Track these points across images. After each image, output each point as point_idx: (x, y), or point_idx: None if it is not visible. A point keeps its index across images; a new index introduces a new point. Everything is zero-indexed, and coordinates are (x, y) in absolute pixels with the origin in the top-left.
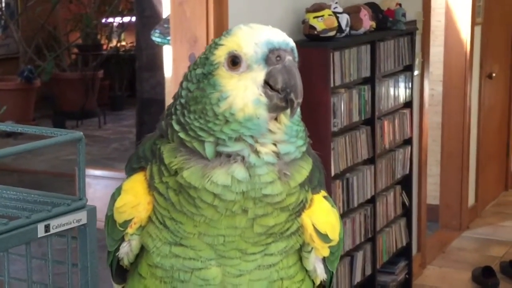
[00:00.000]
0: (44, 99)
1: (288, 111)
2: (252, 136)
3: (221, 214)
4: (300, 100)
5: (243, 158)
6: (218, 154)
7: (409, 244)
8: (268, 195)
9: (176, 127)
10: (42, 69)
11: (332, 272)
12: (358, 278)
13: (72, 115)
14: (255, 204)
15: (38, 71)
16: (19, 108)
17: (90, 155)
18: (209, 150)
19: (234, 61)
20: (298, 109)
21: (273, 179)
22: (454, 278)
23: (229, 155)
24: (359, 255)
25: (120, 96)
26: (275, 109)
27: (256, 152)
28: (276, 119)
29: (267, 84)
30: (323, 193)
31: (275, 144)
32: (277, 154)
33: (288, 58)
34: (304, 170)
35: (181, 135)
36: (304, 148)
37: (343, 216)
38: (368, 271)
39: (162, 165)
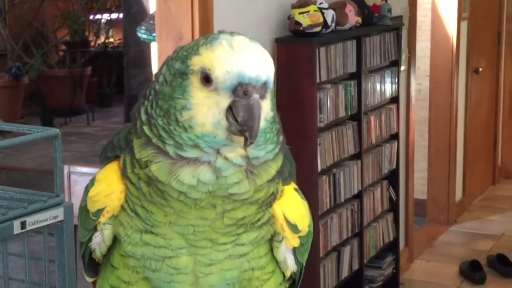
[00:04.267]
0: (32, 97)
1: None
2: (211, 147)
3: (189, 207)
4: (253, 141)
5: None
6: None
7: (396, 239)
8: (235, 193)
9: (143, 117)
10: (30, 66)
11: (302, 265)
12: (345, 273)
13: (60, 112)
14: (223, 201)
15: (26, 68)
16: (7, 105)
17: (79, 152)
18: (171, 151)
19: (205, 78)
20: (272, 113)
21: (240, 179)
22: (442, 272)
23: None
24: (346, 250)
25: (109, 93)
26: (233, 133)
27: (224, 157)
28: None
29: (231, 110)
30: (294, 185)
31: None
32: (247, 157)
33: (255, 96)
34: (272, 169)
35: (146, 129)
36: (275, 151)
37: (330, 211)
38: (356, 266)
39: (134, 157)
